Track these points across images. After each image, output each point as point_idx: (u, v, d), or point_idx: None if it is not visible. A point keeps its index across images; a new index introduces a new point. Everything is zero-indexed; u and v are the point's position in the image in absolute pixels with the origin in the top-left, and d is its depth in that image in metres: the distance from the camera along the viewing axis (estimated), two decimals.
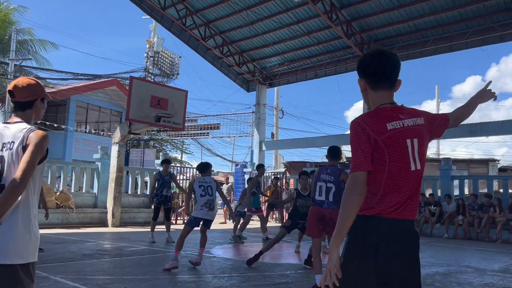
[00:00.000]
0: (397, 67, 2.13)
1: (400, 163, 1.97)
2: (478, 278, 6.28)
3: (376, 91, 2.11)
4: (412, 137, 2.01)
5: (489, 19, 13.45)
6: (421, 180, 2.04)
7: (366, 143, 1.96)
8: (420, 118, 2.08)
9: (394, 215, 1.95)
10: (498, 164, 21.08)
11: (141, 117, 11.65)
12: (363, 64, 2.15)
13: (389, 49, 13.24)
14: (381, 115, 2.02)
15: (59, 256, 7.10)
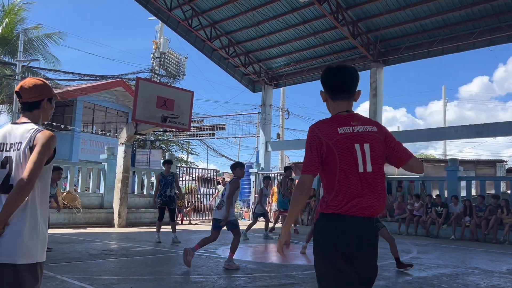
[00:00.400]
0: (354, 81, 2.38)
1: (349, 165, 2.20)
2: (486, 280, 6.23)
3: (335, 101, 2.37)
4: (362, 142, 2.24)
5: (497, 19, 13.35)
6: (376, 181, 2.23)
7: (316, 149, 2.22)
8: (372, 127, 2.31)
9: (347, 212, 2.18)
10: (505, 165, 20.92)
11: (147, 118, 11.69)
12: (324, 78, 2.40)
13: (395, 49, 13.24)
14: (335, 121, 2.29)
15: (65, 256, 7.14)
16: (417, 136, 16.48)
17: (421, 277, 6.29)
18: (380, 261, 7.78)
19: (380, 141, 2.29)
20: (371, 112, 16.13)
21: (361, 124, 2.29)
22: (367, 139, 2.25)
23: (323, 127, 2.26)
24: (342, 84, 2.36)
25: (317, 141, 2.23)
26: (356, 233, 2.19)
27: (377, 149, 2.26)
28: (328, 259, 2.21)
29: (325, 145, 2.21)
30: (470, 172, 19.00)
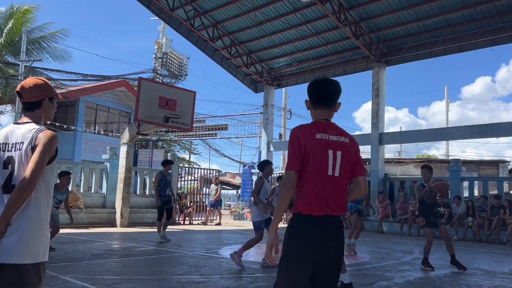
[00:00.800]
0: (335, 93, 2.63)
1: (320, 167, 2.44)
2: (488, 281, 6.22)
3: (316, 109, 2.62)
4: (335, 149, 2.48)
5: (500, 19, 13.30)
6: (341, 185, 2.47)
7: (297, 149, 2.44)
8: (345, 138, 2.56)
9: (314, 210, 2.41)
10: (508, 165, 20.86)
11: (150, 118, 11.70)
12: (310, 89, 2.67)
13: (398, 50, 13.22)
14: (314, 127, 2.53)
15: (68, 255, 7.16)
16: (419, 136, 16.45)
17: (423, 278, 6.28)
18: (383, 261, 7.80)
19: (351, 152, 2.55)
20: (374, 112, 16.11)
21: (336, 134, 2.54)
22: (340, 147, 2.50)
23: (303, 131, 2.51)
24: (324, 95, 2.61)
25: (298, 141, 2.46)
26: (320, 229, 2.41)
27: (347, 158, 2.52)
28: (294, 253, 2.41)
29: (303, 146, 2.44)
30: (473, 172, 18.96)
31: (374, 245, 10.44)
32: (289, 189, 2.45)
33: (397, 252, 9.31)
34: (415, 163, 20.67)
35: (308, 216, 2.42)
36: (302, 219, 2.44)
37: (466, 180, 14.52)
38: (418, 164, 20.41)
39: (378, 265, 7.39)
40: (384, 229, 14.55)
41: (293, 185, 2.45)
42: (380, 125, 15.94)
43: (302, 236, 2.42)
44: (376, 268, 7.06)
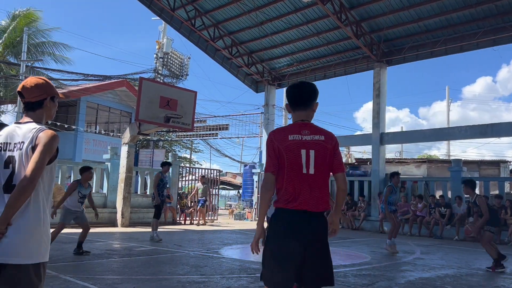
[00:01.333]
0: (311, 95, 2.79)
1: (294, 167, 2.60)
2: (489, 281, 6.21)
3: (295, 111, 2.80)
4: (308, 148, 2.62)
5: (501, 19, 13.28)
6: (316, 182, 2.61)
7: (272, 152, 2.64)
8: (320, 136, 2.69)
9: (292, 206, 2.56)
10: (509, 165, 20.83)
11: (151, 118, 11.70)
12: (287, 92, 2.84)
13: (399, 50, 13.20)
14: (288, 129, 2.71)
15: (69, 255, 7.16)
16: (420, 136, 16.44)
17: (424, 278, 6.27)
18: (384, 262, 7.79)
19: (327, 149, 2.67)
20: (375, 112, 16.10)
21: (310, 133, 2.68)
22: (313, 146, 2.64)
23: (277, 134, 2.69)
24: (299, 98, 2.79)
25: (272, 144, 2.65)
26: (298, 224, 2.56)
27: (321, 155, 2.65)
28: (275, 245, 2.58)
29: (277, 148, 2.63)
30: (474, 172, 18.93)
31: (375, 245, 10.44)
32: (267, 190, 2.65)
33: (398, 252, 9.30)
34: (416, 163, 20.65)
35: (286, 211, 2.59)
36: (279, 214, 2.63)
37: None
38: (419, 164, 20.39)
39: (379, 265, 7.38)
40: (385, 229, 14.52)
41: (271, 185, 2.64)
42: (381, 125, 15.93)
43: (278, 229, 2.60)
44: (377, 268, 7.06)
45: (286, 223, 2.58)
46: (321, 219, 2.64)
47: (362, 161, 22.52)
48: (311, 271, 2.57)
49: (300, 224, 2.56)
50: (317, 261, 2.58)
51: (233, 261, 7.52)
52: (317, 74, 18.39)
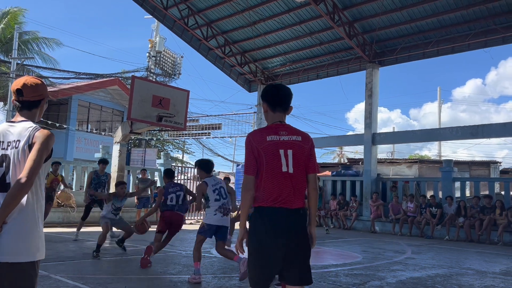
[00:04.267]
0: (289, 98, 2.90)
1: (273, 166, 2.68)
2: (479, 281, 6.27)
3: (275, 112, 2.87)
4: (286, 148, 2.71)
5: (492, 21, 13.39)
6: (295, 180, 2.69)
7: (251, 153, 2.72)
8: (297, 136, 2.78)
9: (273, 204, 2.64)
10: (499, 166, 21.05)
11: (143, 117, 11.63)
12: (266, 94, 2.91)
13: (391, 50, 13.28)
14: (266, 130, 2.78)
15: (60, 254, 7.11)
16: (412, 137, 16.54)
17: (415, 278, 6.32)
18: (375, 261, 7.83)
19: (303, 149, 2.76)
20: (367, 112, 16.17)
21: (288, 134, 2.77)
22: (291, 146, 2.72)
23: (255, 135, 2.77)
24: (282, 100, 2.87)
25: (250, 147, 2.73)
26: (279, 222, 2.63)
27: (299, 155, 2.73)
28: (257, 242, 2.65)
29: (256, 149, 2.70)
30: (465, 173, 19.09)
31: (366, 245, 10.49)
32: (248, 190, 2.72)
33: (389, 252, 9.36)
34: (408, 164, 20.78)
35: (264, 209, 2.66)
36: (259, 212, 2.69)
37: (458, 180, 14.62)
38: (410, 165, 20.53)
39: (370, 264, 7.42)
40: (377, 228, 14.62)
41: (251, 186, 2.71)
42: (373, 126, 16.01)
43: (258, 227, 2.67)
44: (368, 267, 7.09)
45: (266, 221, 2.64)
46: (299, 216, 2.71)
47: (354, 161, 22.62)
48: (293, 268, 2.63)
49: (280, 222, 2.63)
50: (298, 258, 2.64)
51: (225, 261, 7.50)
52: (310, 74, 18.43)
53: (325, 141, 18.73)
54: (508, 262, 8.31)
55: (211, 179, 5.91)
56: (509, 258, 8.93)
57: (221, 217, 5.64)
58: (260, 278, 2.64)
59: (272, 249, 2.60)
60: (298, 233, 2.67)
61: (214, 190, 5.74)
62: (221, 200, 5.70)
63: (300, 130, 2.89)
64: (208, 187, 5.74)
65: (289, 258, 2.62)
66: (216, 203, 5.67)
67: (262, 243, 2.63)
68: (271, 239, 2.60)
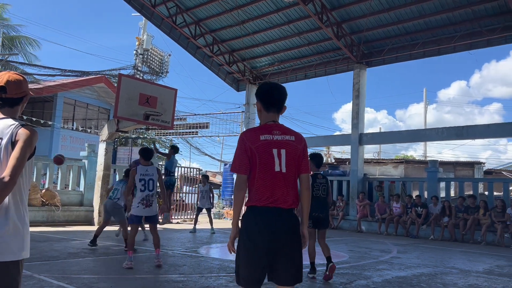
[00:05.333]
0: (284, 98, 2.88)
1: (266, 165, 2.67)
2: (463, 280, 6.35)
3: (267, 112, 2.85)
4: (279, 147, 2.70)
5: (477, 23, 13.58)
6: (288, 179, 2.69)
7: (244, 152, 2.69)
8: (291, 136, 2.77)
9: (266, 204, 2.63)
10: (483, 166, 21.36)
11: (130, 115, 11.53)
12: (261, 93, 2.87)
13: (379, 51, 13.36)
14: (259, 130, 2.77)
15: (44, 254, 7.01)
16: (399, 137, 16.70)
17: (400, 277, 6.37)
18: (361, 261, 7.87)
19: (297, 149, 2.75)
20: (354, 113, 16.27)
21: (281, 133, 2.76)
22: (284, 146, 2.72)
23: (249, 135, 2.75)
24: (277, 100, 2.84)
25: (244, 146, 2.70)
26: (272, 221, 2.62)
27: (292, 155, 2.73)
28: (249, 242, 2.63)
29: (249, 149, 2.68)
30: (450, 173, 19.34)
31: (353, 244, 10.56)
32: (240, 189, 2.72)
33: (375, 251, 9.43)
34: (394, 164, 20.98)
35: (257, 208, 2.65)
36: (252, 211, 2.68)
37: (443, 180, 14.80)
38: (396, 165, 20.72)
39: (356, 264, 7.47)
40: (363, 228, 14.72)
41: (244, 185, 2.71)
42: (360, 126, 16.12)
43: (251, 226, 2.65)
44: (355, 267, 7.14)
45: (259, 220, 2.63)
46: (292, 216, 2.71)
47: (341, 161, 22.75)
48: (282, 268, 2.63)
49: (273, 221, 2.62)
50: (287, 259, 2.63)
51: (212, 260, 7.49)
52: (298, 74, 18.47)
53: (313, 141, 18.79)
54: (491, 262, 8.44)
55: (144, 167, 6.34)
56: (492, 258, 9.07)
57: (143, 209, 6.21)
58: (251, 278, 2.62)
59: (264, 248, 2.59)
60: (290, 233, 2.66)
61: (141, 179, 6.21)
62: (145, 191, 6.20)
63: (293, 130, 2.87)
64: (137, 174, 6.24)
65: (281, 258, 2.61)
66: (141, 193, 6.19)
67: (254, 243, 2.61)
68: (263, 239, 2.59)
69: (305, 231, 2.79)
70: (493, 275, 6.82)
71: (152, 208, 6.31)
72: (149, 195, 6.27)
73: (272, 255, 2.60)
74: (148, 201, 6.25)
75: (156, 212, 6.45)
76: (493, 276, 6.72)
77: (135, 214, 6.26)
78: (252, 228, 2.64)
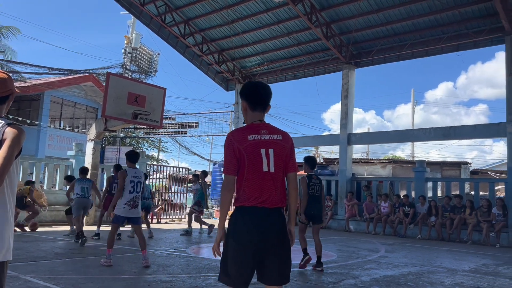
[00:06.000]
0: (270, 96, 2.86)
1: (255, 165, 2.65)
2: (450, 278, 6.43)
3: (253, 111, 2.83)
4: (267, 147, 2.69)
5: (464, 25, 13.75)
6: (276, 179, 2.69)
7: (232, 153, 2.67)
8: (278, 135, 2.77)
9: (254, 204, 2.62)
10: (470, 167, 21.63)
11: (118, 114, 11.46)
12: (246, 92, 2.85)
13: (367, 52, 13.45)
14: (247, 129, 2.75)
15: (30, 254, 6.92)
16: (387, 137, 16.83)
17: (388, 276, 6.43)
18: (349, 260, 7.92)
19: (284, 148, 2.75)
20: (343, 113, 16.35)
21: (268, 133, 2.75)
22: (272, 145, 2.70)
23: (237, 135, 2.72)
24: (263, 99, 2.83)
25: (232, 146, 2.68)
26: (260, 221, 2.61)
27: (280, 154, 2.72)
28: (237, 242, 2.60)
29: (237, 149, 2.66)
30: (437, 173, 19.55)
31: (341, 244, 10.62)
32: (228, 190, 2.70)
33: (363, 250, 9.50)
34: (382, 164, 21.14)
35: (246, 208, 2.64)
36: (241, 211, 2.65)
37: (430, 180, 14.95)
38: (384, 165, 20.88)
39: (345, 263, 7.51)
40: (351, 227, 14.82)
41: (232, 186, 2.69)
42: (348, 126, 16.21)
43: (240, 226, 2.63)
44: (343, 266, 7.18)
45: (247, 220, 2.61)
46: (280, 215, 2.71)
47: (330, 161, 22.85)
48: (270, 268, 2.62)
49: (261, 221, 2.61)
50: (276, 258, 2.63)
51: (201, 260, 7.47)
52: (287, 74, 18.51)
53: (302, 140, 18.85)
54: (477, 260, 8.56)
55: (132, 170, 6.57)
56: (477, 256, 9.19)
57: (129, 210, 6.39)
58: (239, 278, 2.61)
59: (253, 248, 2.57)
60: (279, 233, 2.66)
61: (131, 181, 6.42)
62: (133, 193, 6.41)
63: (280, 129, 2.87)
64: (127, 176, 6.41)
65: (269, 258, 2.61)
66: (129, 195, 6.36)
67: (243, 243, 2.59)
68: (252, 239, 2.58)
69: (292, 229, 2.79)
70: (479, 274, 6.91)
71: (137, 210, 6.51)
72: (137, 196, 6.48)
73: (261, 255, 2.59)
74: (135, 203, 6.45)
75: (140, 213, 6.66)
76: (479, 275, 6.81)
77: (120, 215, 6.39)
78: (241, 228, 2.62)
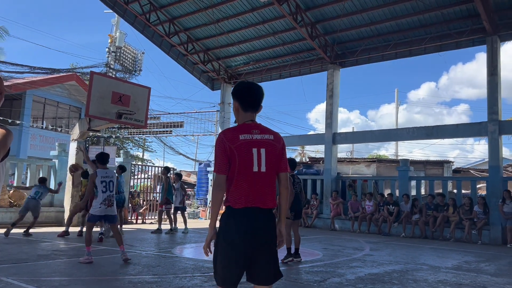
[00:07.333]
0: (262, 97, 2.88)
1: (246, 165, 2.64)
2: (433, 275, 6.52)
3: (245, 112, 2.82)
4: (259, 147, 2.68)
5: (446, 26, 13.96)
6: (267, 179, 2.69)
7: (223, 152, 2.65)
8: (270, 135, 2.77)
9: (245, 203, 2.61)
10: (452, 165, 21.96)
11: (102, 114, 11.34)
12: (239, 92, 2.85)
13: (352, 52, 13.55)
14: (238, 129, 2.74)
15: (12, 257, 6.80)
16: (371, 136, 16.98)
17: (373, 274, 6.49)
18: (335, 258, 7.98)
19: (276, 148, 2.75)
20: (328, 112, 16.45)
21: (260, 132, 2.74)
22: (263, 145, 2.70)
23: (228, 134, 2.71)
24: (255, 100, 2.83)
25: (223, 145, 2.66)
26: (251, 221, 2.61)
27: (271, 154, 2.72)
28: (227, 242, 2.60)
29: (229, 148, 2.64)
30: (420, 172, 19.79)
31: (326, 242, 10.68)
32: (219, 190, 2.69)
33: (348, 249, 9.58)
34: (366, 163, 21.33)
35: (236, 209, 2.62)
36: (231, 211, 2.65)
37: (414, 179, 15.13)
38: (369, 164, 21.08)
39: (330, 262, 7.56)
40: (336, 226, 14.92)
41: (223, 186, 2.68)
42: (333, 125, 16.32)
43: (230, 226, 2.62)
44: (329, 265, 7.22)
45: (237, 220, 2.61)
46: (270, 216, 2.70)
47: (315, 160, 22.98)
48: (261, 268, 2.63)
49: (252, 221, 2.60)
50: (266, 258, 2.64)
51: (187, 260, 7.44)
52: (272, 73, 18.55)
53: (287, 140, 18.90)
54: (460, 258, 8.70)
55: (103, 171, 6.90)
56: (460, 254, 9.35)
57: (105, 209, 6.72)
58: (229, 278, 2.62)
59: (243, 248, 2.58)
60: (269, 233, 2.67)
61: (102, 181, 6.74)
62: (107, 192, 6.74)
63: (271, 129, 2.87)
64: (97, 177, 6.76)
65: (259, 258, 2.62)
66: (103, 195, 6.70)
67: (232, 243, 2.59)
68: (242, 239, 2.58)
69: (282, 230, 2.79)
70: (461, 271, 7.03)
71: (113, 208, 6.85)
72: (111, 195, 6.82)
73: (251, 255, 2.60)
74: (110, 201, 6.78)
75: (115, 211, 7.01)
76: (461, 272, 6.93)
77: (96, 214, 6.74)
78: (231, 228, 2.62)
